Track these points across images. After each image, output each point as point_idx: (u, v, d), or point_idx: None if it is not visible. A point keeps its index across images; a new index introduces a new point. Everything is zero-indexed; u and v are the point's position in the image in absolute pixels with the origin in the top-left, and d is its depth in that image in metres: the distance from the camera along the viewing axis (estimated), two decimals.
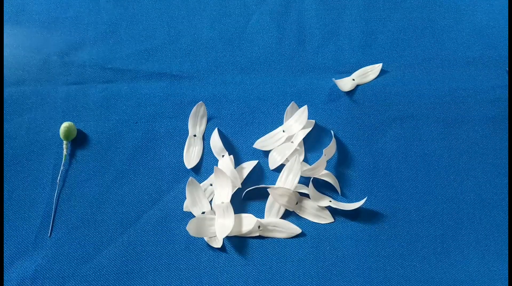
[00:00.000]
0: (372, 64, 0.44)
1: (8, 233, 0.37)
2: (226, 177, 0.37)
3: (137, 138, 0.41)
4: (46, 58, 0.44)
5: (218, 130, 0.41)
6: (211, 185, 0.39)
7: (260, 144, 0.40)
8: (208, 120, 0.42)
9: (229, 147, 0.41)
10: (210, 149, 0.41)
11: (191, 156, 0.40)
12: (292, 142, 0.40)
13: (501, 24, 0.47)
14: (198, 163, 0.40)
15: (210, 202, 0.38)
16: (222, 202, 0.37)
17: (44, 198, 0.39)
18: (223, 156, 0.40)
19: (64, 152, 0.39)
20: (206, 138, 0.41)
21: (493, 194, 0.39)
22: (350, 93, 0.43)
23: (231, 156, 0.39)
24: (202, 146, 0.41)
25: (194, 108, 0.41)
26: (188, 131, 0.41)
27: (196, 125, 0.41)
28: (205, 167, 0.40)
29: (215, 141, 0.40)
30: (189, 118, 0.41)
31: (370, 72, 0.44)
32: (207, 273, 0.36)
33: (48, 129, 0.41)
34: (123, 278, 0.36)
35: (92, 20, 0.46)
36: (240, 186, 0.38)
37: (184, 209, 0.38)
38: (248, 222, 0.37)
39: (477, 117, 0.42)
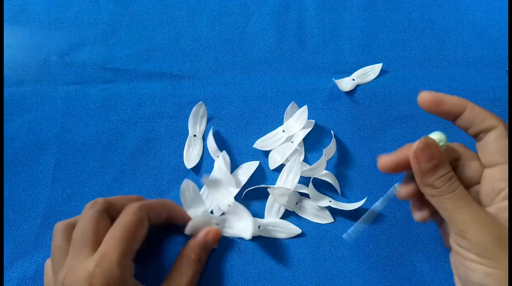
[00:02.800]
0: (372, 64, 0.44)
1: (8, 233, 0.37)
2: (219, 182, 0.37)
3: (137, 138, 0.41)
4: (46, 58, 0.44)
5: (214, 130, 0.41)
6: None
7: (260, 144, 0.40)
8: (208, 120, 0.42)
9: (229, 147, 0.41)
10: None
11: (191, 156, 0.40)
12: (292, 142, 0.40)
13: (501, 24, 0.47)
14: (198, 163, 0.40)
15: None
16: (229, 205, 0.37)
17: (44, 198, 0.39)
18: (218, 156, 0.40)
19: None
20: (206, 138, 0.41)
21: None
22: (350, 93, 0.43)
23: (225, 153, 0.39)
24: (202, 146, 0.41)
25: (194, 108, 0.41)
26: (188, 131, 0.41)
27: (196, 125, 0.41)
28: (205, 167, 0.40)
29: (211, 142, 0.40)
30: (189, 118, 0.41)
31: (370, 72, 0.44)
32: (207, 273, 0.36)
33: (48, 129, 0.41)
34: None
35: (92, 20, 0.46)
36: (238, 189, 0.38)
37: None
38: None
39: None
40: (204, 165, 0.40)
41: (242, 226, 0.36)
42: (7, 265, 0.36)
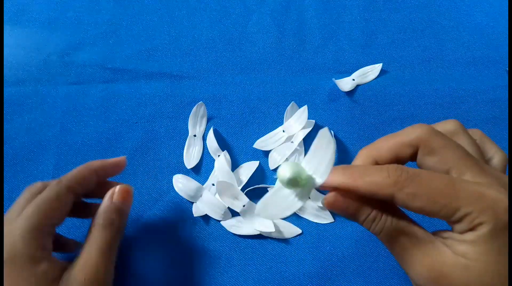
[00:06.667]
0: (372, 64, 0.44)
1: None
2: (230, 185, 0.37)
3: (137, 138, 0.41)
4: (46, 58, 0.44)
5: (214, 129, 0.41)
6: (213, 184, 0.39)
7: (260, 144, 0.40)
8: (208, 120, 0.42)
9: (229, 147, 0.41)
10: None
11: (191, 156, 0.40)
12: (292, 142, 0.40)
13: (501, 24, 0.47)
14: (198, 163, 0.40)
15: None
16: (244, 205, 0.37)
17: None
18: (218, 156, 0.40)
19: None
20: (206, 138, 0.41)
21: None
22: (350, 93, 0.43)
23: (226, 152, 0.39)
24: (202, 146, 0.41)
25: (194, 108, 0.41)
26: (188, 131, 0.41)
27: (196, 125, 0.41)
28: (205, 167, 0.40)
29: (211, 141, 0.40)
30: (189, 118, 0.41)
31: (370, 72, 0.44)
32: (207, 273, 0.36)
33: (48, 129, 0.41)
34: (123, 278, 0.36)
35: (92, 20, 0.46)
36: (239, 189, 0.38)
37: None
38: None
39: (477, 117, 0.42)
40: (204, 165, 0.40)
41: (262, 221, 0.36)
42: None
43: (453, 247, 0.22)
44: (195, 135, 0.41)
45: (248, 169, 0.39)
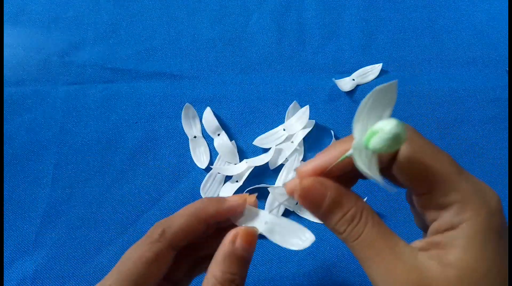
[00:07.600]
0: (372, 64, 0.44)
1: (8, 233, 0.37)
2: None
3: (137, 138, 0.41)
4: (46, 58, 0.44)
5: (211, 109, 0.41)
6: (218, 173, 0.39)
7: (260, 141, 0.40)
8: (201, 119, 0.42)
9: None
10: (214, 146, 0.41)
11: (200, 157, 0.40)
12: (292, 142, 0.40)
13: (501, 24, 0.47)
14: (210, 160, 0.40)
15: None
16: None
17: (44, 198, 0.39)
18: (218, 134, 0.39)
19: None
20: (206, 136, 0.41)
21: None
22: (350, 93, 0.43)
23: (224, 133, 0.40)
24: (207, 144, 0.41)
25: (183, 112, 0.41)
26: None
27: (191, 126, 0.41)
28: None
29: (210, 120, 0.39)
30: (182, 122, 0.41)
31: (370, 72, 0.44)
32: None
33: (48, 129, 0.41)
34: None
35: (92, 20, 0.46)
36: (241, 184, 0.38)
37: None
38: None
39: (477, 117, 0.42)
40: (213, 161, 0.40)
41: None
42: (7, 265, 0.36)
43: (440, 258, 0.18)
44: (195, 137, 0.41)
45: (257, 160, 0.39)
